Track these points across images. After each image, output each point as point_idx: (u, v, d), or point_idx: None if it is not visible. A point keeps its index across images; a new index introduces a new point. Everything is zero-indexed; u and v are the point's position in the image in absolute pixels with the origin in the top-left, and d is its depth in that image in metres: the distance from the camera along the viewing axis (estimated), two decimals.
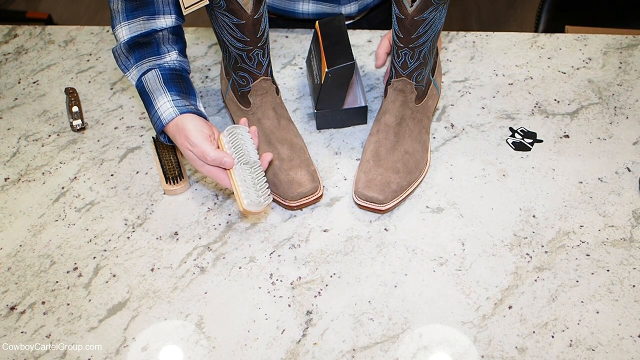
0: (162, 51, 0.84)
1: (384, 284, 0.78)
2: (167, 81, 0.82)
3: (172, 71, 0.84)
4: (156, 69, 0.83)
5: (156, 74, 0.82)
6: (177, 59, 0.85)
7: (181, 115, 0.79)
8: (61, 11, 2.62)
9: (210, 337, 0.74)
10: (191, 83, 0.86)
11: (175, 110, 0.80)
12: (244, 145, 0.79)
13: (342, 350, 0.72)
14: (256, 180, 0.77)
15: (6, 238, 0.85)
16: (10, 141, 0.98)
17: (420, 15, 0.78)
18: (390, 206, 0.83)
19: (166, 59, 0.84)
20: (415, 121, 0.88)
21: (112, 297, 0.78)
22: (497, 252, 0.80)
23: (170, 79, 0.83)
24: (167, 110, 0.80)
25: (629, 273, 0.78)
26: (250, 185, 0.76)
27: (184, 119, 0.79)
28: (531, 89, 1.01)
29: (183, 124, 0.78)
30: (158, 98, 0.81)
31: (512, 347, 0.72)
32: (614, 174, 0.88)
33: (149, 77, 0.82)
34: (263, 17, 0.81)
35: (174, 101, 0.81)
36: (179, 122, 0.79)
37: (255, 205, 0.76)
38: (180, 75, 0.84)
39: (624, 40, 1.08)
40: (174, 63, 0.85)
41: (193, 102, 0.83)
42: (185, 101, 0.81)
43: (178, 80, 0.83)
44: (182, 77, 0.84)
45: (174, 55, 0.85)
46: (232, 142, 0.78)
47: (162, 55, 0.84)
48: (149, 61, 0.83)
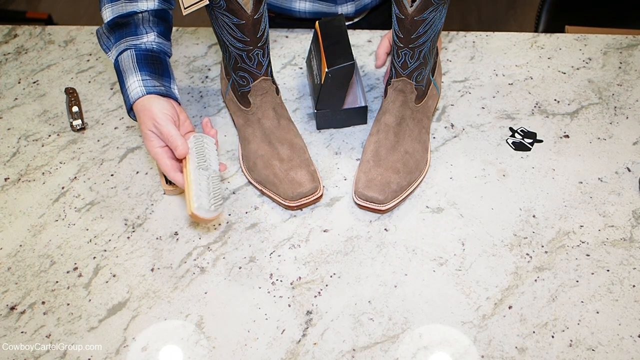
0: (139, 32, 0.86)
1: (384, 284, 0.78)
2: (140, 61, 0.84)
3: (148, 52, 0.85)
4: (132, 49, 0.84)
5: (131, 54, 0.84)
6: (155, 41, 0.86)
7: (148, 95, 0.81)
8: (61, 11, 2.62)
9: (210, 337, 0.74)
10: (168, 66, 0.87)
11: (142, 90, 0.81)
12: (208, 153, 0.79)
13: (342, 350, 0.72)
14: (211, 187, 0.77)
15: (6, 238, 0.85)
16: (10, 141, 0.98)
17: (420, 15, 0.78)
18: (390, 206, 0.83)
19: (143, 39, 0.86)
20: (415, 121, 0.88)
21: (112, 297, 0.78)
22: (497, 252, 0.81)
23: (144, 59, 0.84)
24: (135, 89, 0.82)
25: (629, 273, 0.78)
26: (204, 190, 0.76)
27: (150, 99, 0.81)
28: (531, 89, 1.01)
29: (149, 104, 0.80)
30: (129, 77, 0.83)
31: (512, 347, 0.72)
32: (614, 174, 0.88)
33: (124, 57, 0.84)
34: (263, 17, 0.81)
35: (143, 81, 0.82)
36: (145, 101, 0.80)
37: (204, 211, 0.74)
38: (156, 56, 0.86)
39: (624, 40, 1.08)
40: (151, 44, 0.86)
41: (166, 84, 0.84)
42: (156, 82, 0.83)
43: (152, 61, 0.85)
44: (158, 58, 0.86)
45: (152, 37, 0.86)
46: (196, 148, 0.79)
47: (139, 36, 0.86)
48: (127, 41, 0.85)
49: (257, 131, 0.88)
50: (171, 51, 0.90)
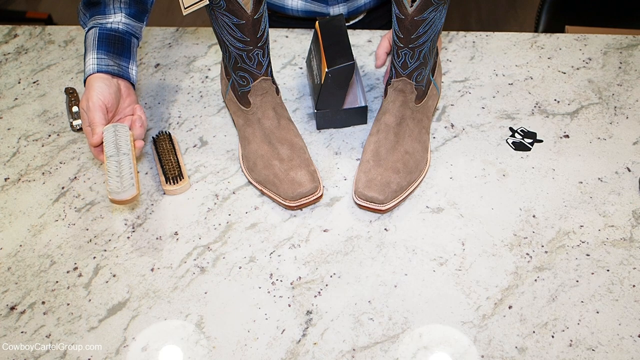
0: (107, 11, 0.88)
1: (384, 284, 0.78)
2: (101, 40, 0.87)
3: (111, 32, 0.88)
4: (97, 27, 0.88)
5: (94, 32, 0.87)
6: (121, 21, 0.89)
7: (97, 74, 0.84)
8: (61, 11, 2.62)
9: (210, 337, 0.74)
10: (131, 47, 0.90)
11: (94, 67, 0.85)
12: (119, 140, 0.82)
13: (342, 350, 0.72)
14: (121, 171, 0.80)
15: (6, 238, 0.85)
16: (10, 141, 0.98)
17: (420, 15, 0.78)
18: (390, 206, 0.83)
19: (109, 19, 0.88)
20: (415, 121, 0.88)
21: (112, 297, 0.78)
22: (497, 252, 0.81)
23: (105, 39, 0.87)
24: (88, 66, 0.85)
25: (629, 273, 0.78)
26: (113, 175, 0.79)
27: (96, 78, 0.84)
28: (531, 89, 1.01)
29: (94, 83, 0.84)
30: (87, 54, 0.87)
31: (512, 347, 0.72)
32: (614, 174, 0.88)
33: (89, 35, 0.88)
34: (263, 17, 0.81)
35: (98, 59, 0.85)
36: (92, 79, 0.84)
37: (116, 193, 0.78)
38: (119, 37, 0.88)
39: (624, 40, 1.08)
40: (117, 24, 0.88)
41: (123, 64, 0.87)
42: (111, 61, 0.86)
43: (114, 41, 0.88)
44: (120, 39, 0.88)
45: (119, 17, 0.89)
46: (108, 138, 0.82)
47: (106, 16, 0.88)
48: (95, 19, 0.89)
49: (257, 131, 0.88)
50: (141, 34, 0.92)
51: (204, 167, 0.92)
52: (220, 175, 0.91)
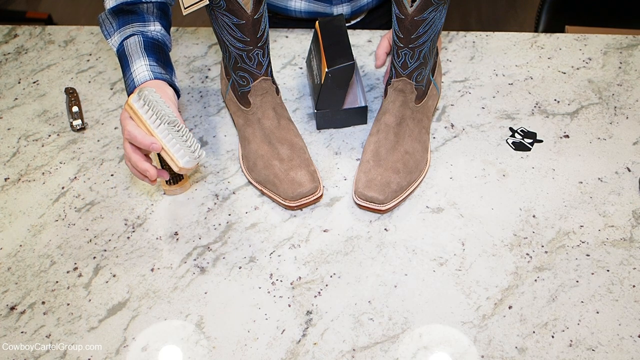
0: (147, 19, 0.86)
1: (384, 284, 0.78)
2: (148, 48, 0.84)
3: (154, 40, 0.86)
4: (139, 35, 0.85)
5: (138, 39, 0.84)
6: (160, 31, 0.87)
7: (154, 80, 0.81)
8: (61, 11, 2.62)
9: (210, 337, 0.74)
10: (170, 59, 0.88)
11: (150, 74, 0.81)
12: (159, 106, 0.76)
13: (342, 350, 0.72)
14: (185, 137, 0.76)
15: (6, 238, 0.85)
16: (10, 141, 0.98)
17: (420, 15, 0.78)
18: (390, 206, 0.83)
19: (150, 27, 0.86)
20: (415, 121, 0.88)
21: (112, 297, 0.78)
22: (497, 252, 0.81)
23: (151, 47, 0.84)
24: (142, 72, 0.82)
25: (629, 273, 0.78)
26: (182, 144, 0.75)
27: (156, 83, 0.81)
28: (531, 89, 1.01)
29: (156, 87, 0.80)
30: (136, 61, 0.83)
31: (512, 347, 0.72)
32: (614, 174, 0.88)
33: (130, 42, 0.84)
34: (263, 17, 0.81)
35: (151, 66, 0.82)
36: (151, 85, 0.80)
37: (193, 161, 0.76)
38: (161, 47, 0.86)
39: (624, 40, 1.08)
40: (157, 34, 0.87)
41: (169, 74, 0.84)
42: (162, 69, 0.83)
43: (158, 50, 0.85)
44: (162, 49, 0.86)
45: (158, 27, 0.87)
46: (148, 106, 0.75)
47: (146, 23, 0.86)
48: (133, 27, 0.86)
49: (257, 131, 0.88)
50: (171, 46, 0.91)
51: (204, 167, 0.92)
52: (220, 175, 0.91)
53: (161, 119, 0.75)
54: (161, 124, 0.75)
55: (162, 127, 0.75)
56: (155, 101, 0.75)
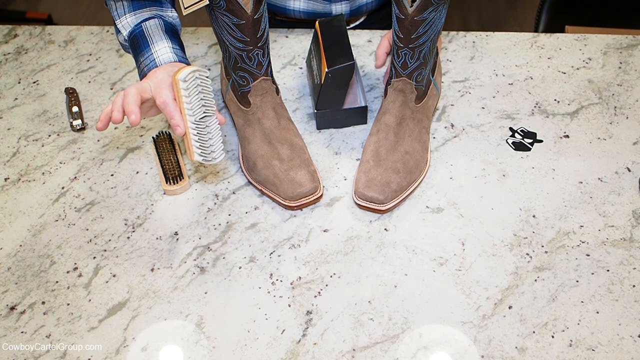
0: (164, 4, 0.86)
1: (384, 284, 0.78)
2: (169, 32, 0.84)
3: (173, 26, 0.86)
4: (159, 18, 0.85)
5: (159, 22, 0.84)
6: (176, 18, 0.87)
7: (177, 62, 0.81)
8: (61, 11, 2.62)
9: (210, 337, 0.74)
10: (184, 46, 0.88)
11: (174, 56, 0.81)
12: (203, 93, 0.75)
13: (342, 350, 0.72)
14: (210, 135, 0.75)
15: (6, 238, 0.85)
16: (10, 141, 0.98)
17: (420, 15, 0.78)
18: (390, 206, 0.83)
19: (168, 13, 0.87)
20: (415, 121, 0.88)
21: (112, 297, 0.78)
22: (497, 252, 0.81)
23: (171, 31, 0.84)
24: (166, 54, 0.81)
25: (629, 273, 0.78)
26: (204, 142, 0.75)
27: (175, 66, 0.80)
28: (531, 89, 1.01)
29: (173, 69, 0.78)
30: (158, 42, 0.82)
31: (512, 347, 0.72)
32: (614, 174, 0.88)
33: (151, 24, 0.84)
34: (263, 17, 0.81)
35: (174, 49, 0.82)
36: (170, 67, 0.79)
37: (206, 161, 0.76)
38: (178, 32, 0.86)
39: (624, 40, 1.08)
40: (174, 20, 0.87)
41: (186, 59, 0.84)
42: (183, 54, 0.83)
43: (177, 35, 0.86)
44: (179, 35, 0.86)
45: (175, 14, 0.87)
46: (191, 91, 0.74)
47: (164, 8, 0.86)
48: (151, 10, 0.85)
49: (257, 131, 0.88)
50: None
51: (204, 167, 0.92)
52: (220, 175, 0.91)
53: (195, 110, 0.74)
54: (194, 114, 0.74)
55: (193, 117, 0.74)
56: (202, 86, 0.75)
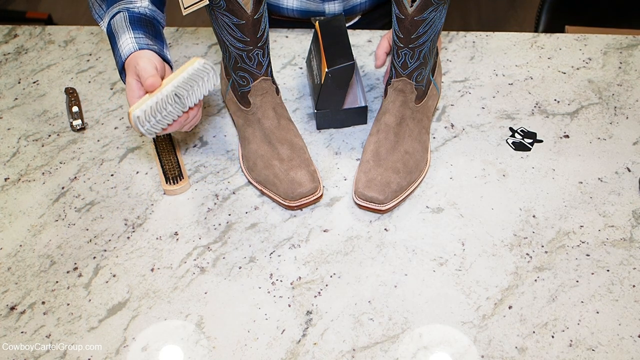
0: None
1: (384, 284, 0.78)
2: (134, 22, 0.81)
3: (141, 15, 0.83)
4: (124, 11, 0.83)
5: (124, 15, 0.82)
6: (148, 7, 0.85)
7: (140, 51, 0.78)
8: (61, 11, 2.62)
9: (210, 337, 0.74)
10: (161, 32, 0.85)
11: (135, 46, 0.78)
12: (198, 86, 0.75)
13: (342, 350, 0.72)
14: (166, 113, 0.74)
15: (6, 238, 0.85)
16: (10, 141, 0.98)
17: (420, 15, 0.78)
18: (390, 206, 0.83)
19: (136, 4, 0.84)
20: (415, 121, 0.88)
21: (112, 297, 0.78)
22: (497, 252, 0.81)
23: (138, 21, 0.82)
24: (127, 46, 0.79)
25: (629, 273, 0.78)
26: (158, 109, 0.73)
27: (140, 55, 0.77)
28: (531, 89, 1.01)
29: (138, 59, 0.76)
30: (121, 36, 0.80)
31: (512, 347, 0.72)
32: (614, 174, 0.88)
33: (116, 19, 0.82)
34: (263, 17, 0.81)
35: (136, 38, 0.79)
36: (135, 57, 0.77)
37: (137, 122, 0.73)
38: (149, 21, 0.84)
39: (624, 40, 1.08)
40: (144, 9, 0.84)
41: (159, 46, 0.81)
42: (149, 41, 0.80)
43: (146, 23, 0.83)
44: (151, 23, 0.84)
45: (145, 3, 0.85)
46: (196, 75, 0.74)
47: (133, 2, 0.84)
48: (119, 5, 0.83)
49: (257, 131, 0.88)
50: (164, 22, 0.88)
51: (204, 167, 0.92)
52: (220, 175, 0.91)
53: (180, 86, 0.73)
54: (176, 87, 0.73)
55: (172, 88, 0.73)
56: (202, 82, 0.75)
